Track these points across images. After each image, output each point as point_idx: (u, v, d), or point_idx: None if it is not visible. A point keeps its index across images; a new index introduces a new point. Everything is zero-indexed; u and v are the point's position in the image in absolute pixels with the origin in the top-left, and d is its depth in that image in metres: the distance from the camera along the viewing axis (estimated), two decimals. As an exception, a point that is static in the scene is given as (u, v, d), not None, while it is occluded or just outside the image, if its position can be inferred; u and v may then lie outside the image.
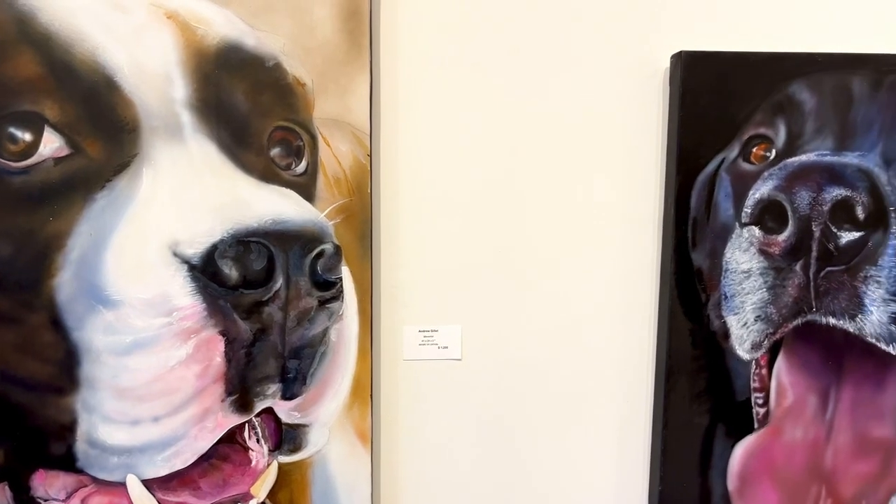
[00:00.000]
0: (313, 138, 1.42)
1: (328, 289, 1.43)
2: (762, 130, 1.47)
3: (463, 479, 1.57)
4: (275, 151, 1.41)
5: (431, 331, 1.51)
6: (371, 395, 1.46)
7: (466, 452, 1.56)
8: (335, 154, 1.43)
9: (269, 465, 1.46)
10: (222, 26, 1.38)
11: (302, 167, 1.42)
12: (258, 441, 1.46)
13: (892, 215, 1.45)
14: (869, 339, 1.47)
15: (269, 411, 1.44)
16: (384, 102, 1.47)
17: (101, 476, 1.42)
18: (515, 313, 1.53)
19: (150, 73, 1.35)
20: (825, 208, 1.45)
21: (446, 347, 1.52)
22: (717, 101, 1.45)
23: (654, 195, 1.52)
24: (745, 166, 1.48)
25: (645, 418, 1.56)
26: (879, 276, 1.46)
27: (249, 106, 1.39)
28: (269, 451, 1.46)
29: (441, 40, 1.47)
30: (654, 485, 1.55)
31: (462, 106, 1.48)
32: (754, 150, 1.47)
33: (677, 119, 1.46)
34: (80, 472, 1.42)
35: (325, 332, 1.44)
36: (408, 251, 1.50)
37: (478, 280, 1.51)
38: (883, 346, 1.48)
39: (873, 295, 1.46)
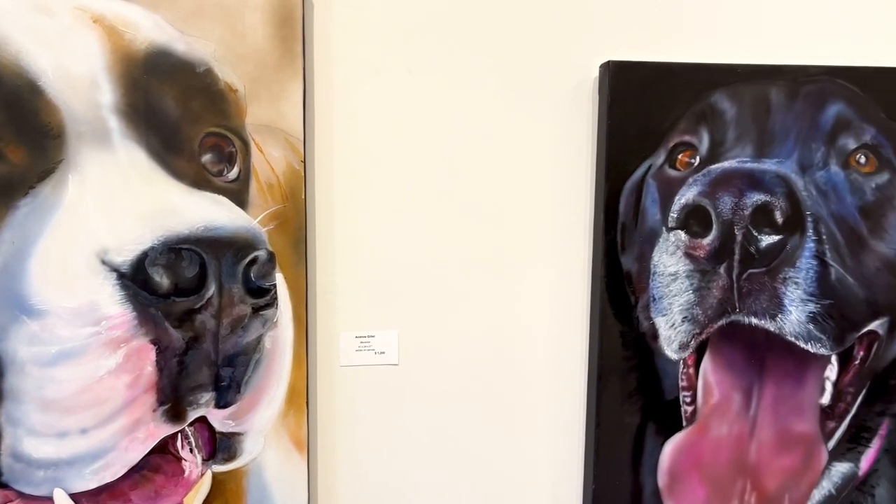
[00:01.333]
0: (245, 144, 1.38)
1: (262, 296, 1.40)
2: (686, 138, 1.50)
3: (401, 485, 1.55)
4: (206, 158, 1.37)
5: (368, 336, 1.49)
6: (307, 403, 1.42)
7: (404, 458, 1.54)
8: (268, 160, 1.40)
9: (202, 474, 1.42)
10: (151, 31, 1.33)
11: (234, 173, 1.38)
12: (191, 451, 1.41)
13: (808, 220, 1.49)
14: (789, 337, 1.51)
15: (202, 420, 1.39)
16: (318, 108, 1.44)
17: (27, 490, 1.35)
18: (451, 317, 1.51)
19: (76, 77, 1.30)
20: (746, 213, 1.48)
21: (383, 353, 1.50)
22: (643, 109, 1.47)
23: (585, 201, 1.53)
24: (671, 172, 1.50)
25: (579, 419, 1.57)
26: (797, 278, 1.50)
27: (180, 112, 1.34)
28: (203, 460, 1.42)
29: (374, 47, 1.45)
30: (587, 484, 1.56)
31: (395, 112, 1.47)
32: (679, 156, 1.50)
33: (605, 127, 1.48)
34: (4, 486, 1.35)
35: (259, 339, 1.40)
36: (343, 257, 1.47)
37: (414, 285, 1.50)
38: (802, 344, 1.51)
39: (792, 295, 1.50)
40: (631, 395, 1.52)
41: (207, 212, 1.35)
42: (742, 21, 1.53)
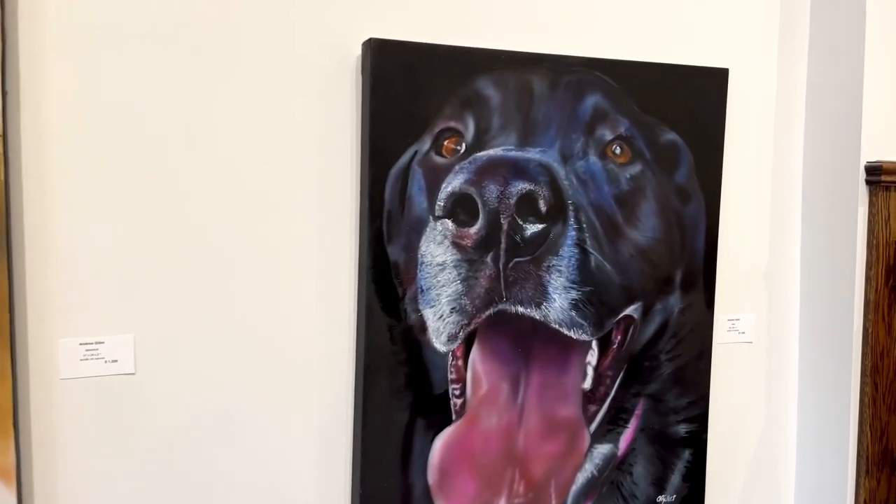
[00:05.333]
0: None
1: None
2: (452, 124, 1.38)
3: (147, 506, 1.31)
4: None
5: (96, 343, 1.21)
6: (15, 425, 1.13)
7: (143, 484, 1.28)
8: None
9: None
10: None
11: None
12: None
13: (570, 208, 1.44)
14: (553, 325, 1.45)
15: None
16: (24, 72, 1.15)
17: None
18: (200, 318, 1.29)
19: None
20: (512, 202, 1.40)
21: (115, 361, 1.23)
22: (407, 92, 1.33)
23: (349, 188, 1.37)
24: (438, 159, 1.38)
25: (346, 420, 1.40)
26: (560, 266, 1.45)
27: None
28: None
29: (97, 32, 1.19)
30: (355, 488, 1.40)
31: (124, 84, 1.21)
32: (445, 143, 1.38)
33: (368, 109, 1.32)
34: None
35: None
36: (61, 252, 1.19)
37: (153, 282, 1.25)
38: (565, 331, 1.46)
39: (556, 283, 1.45)
40: (399, 392, 1.38)
41: None
42: (508, 7, 1.44)
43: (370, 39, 1.30)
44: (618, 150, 1.49)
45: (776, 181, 1.70)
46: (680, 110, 1.52)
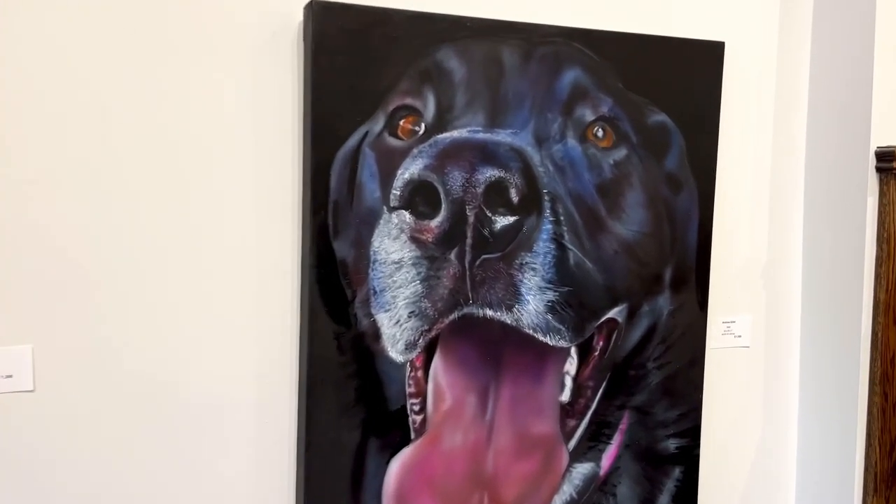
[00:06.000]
0: None
1: None
2: (409, 101, 1.21)
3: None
4: None
5: (-15, 356, 1.04)
6: None
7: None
8: None
9: None
10: None
11: None
12: None
13: (546, 198, 1.27)
14: (526, 330, 1.27)
15: None
16: None
17: None
18: (114, 326, 1.11)
19: None
20: (479, 190, 1.22)
21: (10, 377, 1.05)
22: (356, 63, 1.15)
23: (292, 176, 1.19)
24: (392, 141, 1.20)
25: (289, 441, 1.22)
26: (535, 263, 1.28)
27: None
28: None
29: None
30: (298, 518, 1.24)
31: (22, 45, 1.03)
32: (401, 123, 1.21)
33: (311, 83, 1.14)
34: None
35: None
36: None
37: (56, 285, 1.07)
38: (540, 336, 1.29)
39: (529, 283, 1.28)
40: (349, 408, 1.20)
41: None
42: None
43: (312, 2, 1.12)
44: (600, 133, 1.32)
45: (776, 168, 1.54)
46: (670, 88, 1.37)
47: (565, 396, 1.34)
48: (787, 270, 1.57)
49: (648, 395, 1.41)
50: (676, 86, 1.37)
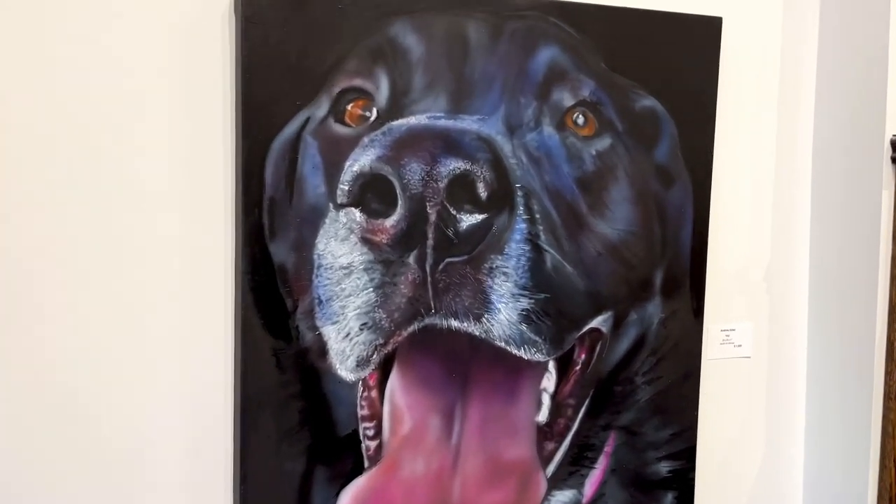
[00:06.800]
0: None
1: None
2: (358, 82, 1.05)
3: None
4: None
5: None
6: None
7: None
8: None
9: None
10: None
11: None
12: None
13: (518, 194, 1.11)
14: (498, 342, 1.12)
15: None
16: None
17: None
18: (19, 347, 0.95)
19: None
20: (441, 185, 1.07)
21: None
22: (295, 38, 0.99)
23: (224, 169, 1.03)
24: (339, 129, 1.05)
25: (224, 472, 1.07)
26: (506, 267, 1.12)
27: None
28: None
29: None
30: (234, 560, 1.08)
31: None
32: (349, 107, 1.05)
33: (242, 61, 0.99)
34: None
35: None
36: None
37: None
38: (514, 349, 1.14)
39: (500, 290, 1.12)
40: (291, 434, 1.05)
41: None
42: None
43: (241, -33, 0.97)
44: (580, 120, 1.18)
45: (780, 159, 1.39)
46: (660, 69, 1.22)
47: (542, 416, 1.19)
48: (792, 272, 1.42)
49: (637, 413, 1.26)
50: (668, 66, 1.23)
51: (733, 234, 1.37)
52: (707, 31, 1.26)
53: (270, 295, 1.02)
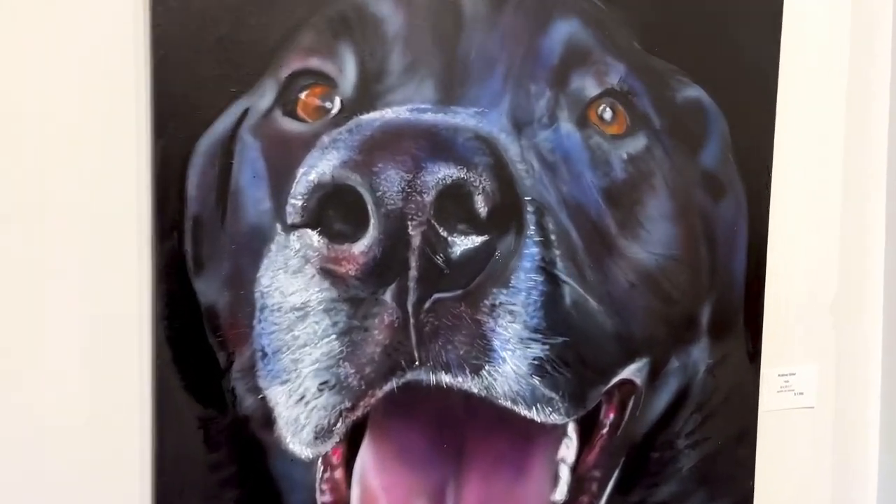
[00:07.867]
0: None
1: None
2: (315, 63, 0.81)
3: None
4: None
5: None
6: None
7: None
8: None
9: None
10: None
11: None
12: None
13: (528, 209, 0.87)
14: (502, 402, 0.88)
15: None
16: None
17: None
18: None
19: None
20: (428, 199, 0.82)
21: None
22: (228, 5, 0.77)
23: (136, 179, 0.80)
24: (290, 125, 0.81)
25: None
26: (513, 304, 0.87)
27: None
28: None
29: None
30: None
31: None
32: (303, 96, 0.81)
33: (151, 37, 0.75)
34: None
35: None
36: None
37: None
38: (523, 410, 0.89)
39: (506, 333, 0.87)
40: (226, 533, 0.81)
41: None
42: None
43: None
44: (607, 114, 0.94)
45: (850, 164, 1.14)
46: (708, 52, 0.98)
47: (560, 495, 0.95)
48: (864, 305, 1.18)
49: (679, 485, 1.02)
50: (717, 48, 0.98)
51: (795, 259, 1.13)
52: (766, 8, 1.02)
53: (195, 347, 0.77)
